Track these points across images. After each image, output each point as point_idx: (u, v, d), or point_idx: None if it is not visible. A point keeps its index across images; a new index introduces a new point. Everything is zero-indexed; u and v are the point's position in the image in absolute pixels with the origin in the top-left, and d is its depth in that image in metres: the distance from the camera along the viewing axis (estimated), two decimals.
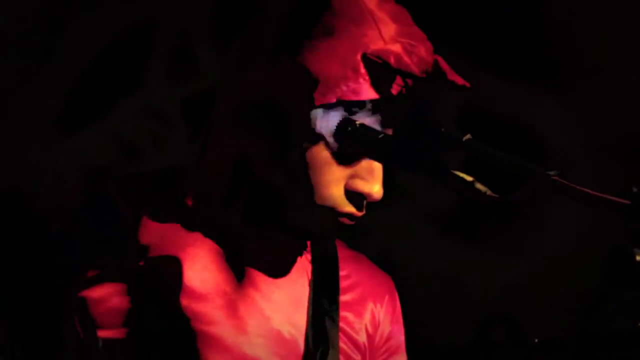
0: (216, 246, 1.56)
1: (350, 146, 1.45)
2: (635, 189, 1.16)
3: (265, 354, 1.55)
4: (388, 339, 1.71)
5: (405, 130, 1.38)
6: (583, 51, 2.84)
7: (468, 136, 1.32)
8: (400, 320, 1.74)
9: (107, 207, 1.58)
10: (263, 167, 1.48)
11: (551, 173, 1.23)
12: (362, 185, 1.48)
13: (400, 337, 1.74)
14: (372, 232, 1.73)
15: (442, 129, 1.34)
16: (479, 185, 1.29)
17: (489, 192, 1.29)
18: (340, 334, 1.62)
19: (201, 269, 1.54)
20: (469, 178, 1.30)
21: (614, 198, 1.19)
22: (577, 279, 2.76)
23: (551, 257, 2.88)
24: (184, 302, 1.52)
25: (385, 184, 1.51)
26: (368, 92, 1.42)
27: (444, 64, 1.48)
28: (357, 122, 1.43)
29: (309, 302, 1.61)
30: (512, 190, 1.25)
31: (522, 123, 2.91)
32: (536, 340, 2.86)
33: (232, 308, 1.55)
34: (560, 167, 1.25)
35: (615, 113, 2.82)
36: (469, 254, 2.97)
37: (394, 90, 1.43)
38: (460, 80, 1.48)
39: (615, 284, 1.15)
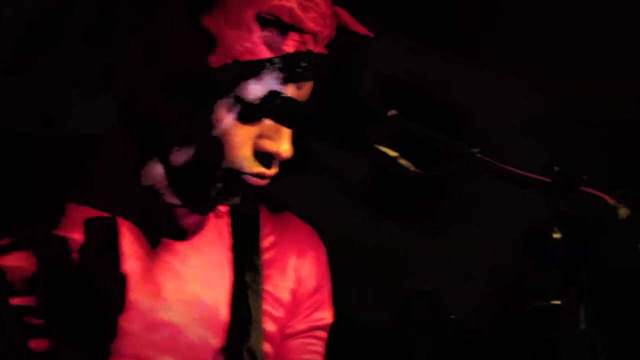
0: (127, 216, 1.55)
1: (275, 119, 1.45)
2: (556, 168, 1.18)
3: (182, 318, 1.55)
4: (313, 293, 1.70)
5: (328, 104, 1.38)
6: (508, 26, 2.85)
7: (393, 112, 1.32)
8: (327, 275, 1.74)
9: (22, 176, 1.55)
10: (170, 132, 1.49)
11: (474, 150, 1.24)
12: (269, 145, 1.49)
13: (325, 292, 1.73)
14: (289, 204, 1.73)
15: (367, 104, 1.34)
16: (402, 161, 1.29)
17: (412, 168, 1.29)
18: (264, 294, 1.62)
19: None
20: (393, 153, 1.30)
21: (535, 176, 1.20)
22: (497, 256, 2.79)
23: (472, 233, 2.91)
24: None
25: (303, 152, 1.52)
26: (263, 51, 1.43)
27: (345, 15, 1.49)
28: (282, 95, 1.43)
29: (232, 268, 1.61)
30: (435, 167, 1.25)
31: (448, 99, 2.92)
32: (452, 317, 2.89)
33: (147, 273, 1.54)
34: (485, 144, 1.25)
35: (538, 90, 2.84)
36: (390, 229, 2.97)
37: (291, 47, 1.43)
38: (363, 30, 1.50)
39: (533, 260, 1.16)
